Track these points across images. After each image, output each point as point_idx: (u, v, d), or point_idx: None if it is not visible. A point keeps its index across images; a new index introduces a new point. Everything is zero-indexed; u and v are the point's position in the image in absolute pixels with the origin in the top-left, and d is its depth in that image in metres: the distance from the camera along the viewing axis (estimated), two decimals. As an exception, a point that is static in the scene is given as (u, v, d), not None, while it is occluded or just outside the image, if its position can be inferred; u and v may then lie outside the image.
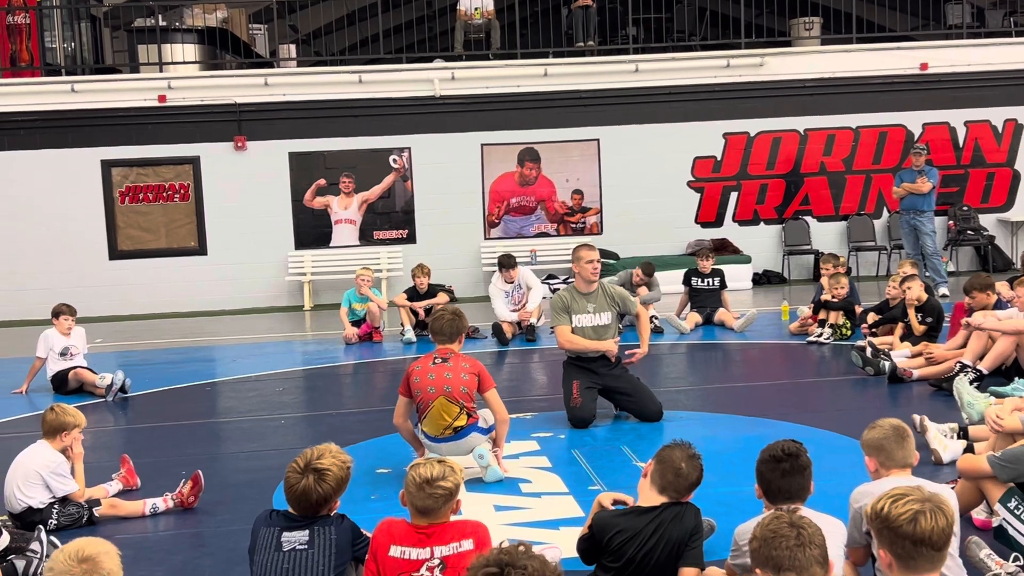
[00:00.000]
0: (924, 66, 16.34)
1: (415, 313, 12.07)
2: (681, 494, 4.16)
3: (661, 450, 4.26)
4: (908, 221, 13.97)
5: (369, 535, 4.01)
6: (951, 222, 16.51)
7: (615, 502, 4.32)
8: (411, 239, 16.18)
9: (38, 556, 4.92)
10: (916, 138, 16.33)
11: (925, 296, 9.59)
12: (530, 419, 7.59)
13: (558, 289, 15.64)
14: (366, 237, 16.20)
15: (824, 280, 11.39)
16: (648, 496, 4.19)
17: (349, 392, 10.00)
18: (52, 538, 5.04)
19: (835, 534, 3.73)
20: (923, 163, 13.87)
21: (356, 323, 12.14)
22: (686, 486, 4.16)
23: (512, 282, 12.12)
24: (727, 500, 5.24)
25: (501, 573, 2.74)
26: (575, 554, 4.27)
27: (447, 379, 6.07)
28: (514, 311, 11.99)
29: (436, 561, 3.81)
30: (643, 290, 11.97)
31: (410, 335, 11.85)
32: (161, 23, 16.21)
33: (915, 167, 13.90)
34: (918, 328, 9.43)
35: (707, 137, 16.39)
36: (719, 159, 16.51)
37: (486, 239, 16.24)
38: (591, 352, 7.47)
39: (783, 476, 3.93)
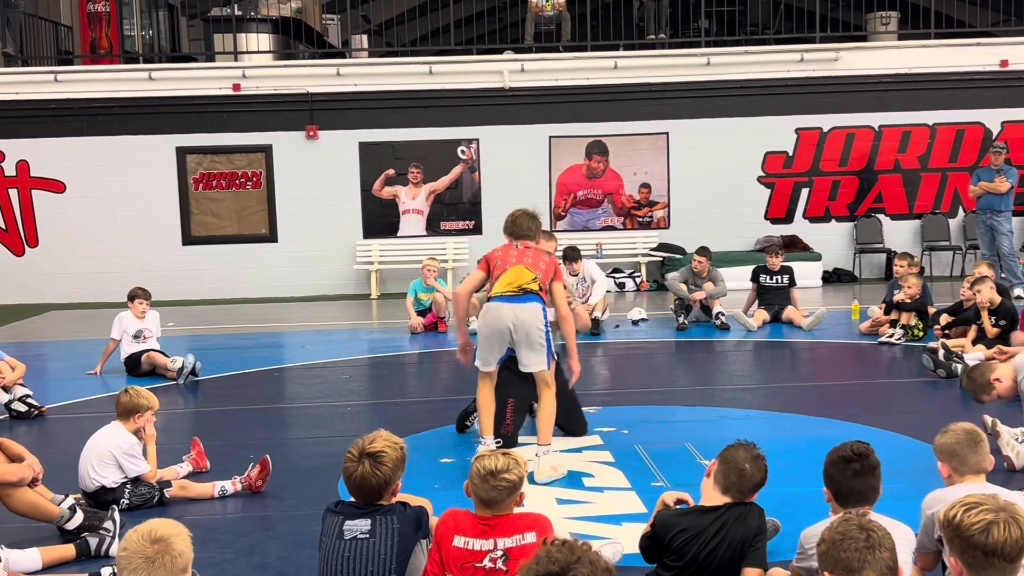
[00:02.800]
0: (1004, 63, 15.95)
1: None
2: (745, 495, 4.12)
3: (725, 450, 4.22)
4: (984, 221, 13.70)
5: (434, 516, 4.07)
6: (1029, 223, 16.13)
7: (678, 501, 4.29)
8: (477, 230, 16.25)
9: (111, 534, 5.04)
10: (995, 136, 15.97)
11: (997, 299, 9.38)
12: (594, 413, 7.56)
13: (624, 284, 15.73)
14: (433, 227, 16.30)
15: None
16: (711, 496, 4.16)
17: (414, 381, 10.07)
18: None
19: (904, 540, 3.67)
20: (1002, 162, 13.60)
21: (421, 313, 12.23)
22: (750, 487, 4.12)
23: (576, 275, 12.09)
24: (791, 500, 5.18)
25: None
26: (637, 550, 4.27)
27: (528, 255, 6.42)
28: (579, 304, 11.98)
29: (499, 552, 3.83)
30: (708, 285, 11.88)
31: (474, 326, 11.86)
32: (237, 12, 16.47)
33: (993, 166, 13.63)
34: (991, 330, 9.24)
35: (779, 132, 16.19)
36: (791, 154, 16.30)
37: (552, 231, 16.21)
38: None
39: (854, 476, 3.87)
